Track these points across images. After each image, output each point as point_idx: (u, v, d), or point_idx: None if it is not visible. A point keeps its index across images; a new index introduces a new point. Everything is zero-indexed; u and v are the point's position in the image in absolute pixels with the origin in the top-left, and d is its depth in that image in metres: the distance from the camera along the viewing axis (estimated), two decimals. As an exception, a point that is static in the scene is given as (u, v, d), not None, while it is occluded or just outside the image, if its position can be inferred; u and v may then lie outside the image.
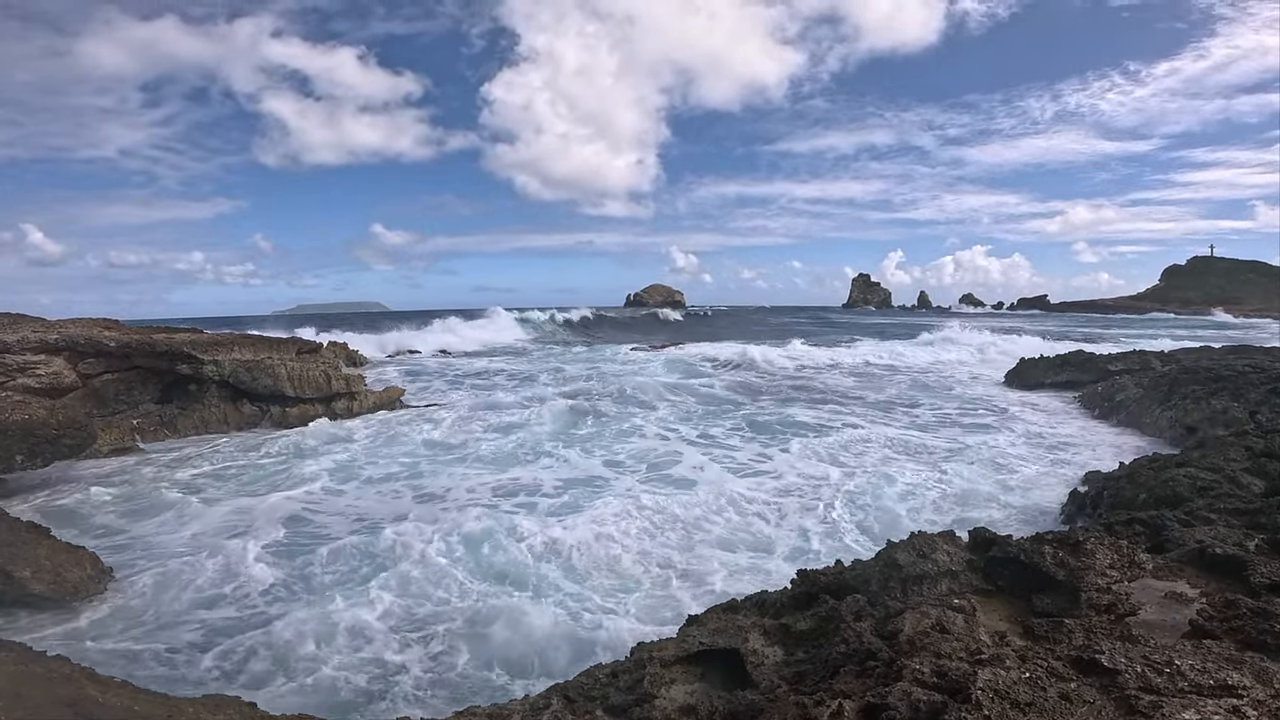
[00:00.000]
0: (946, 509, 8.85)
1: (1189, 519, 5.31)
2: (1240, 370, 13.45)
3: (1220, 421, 11.08)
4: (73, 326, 15.04)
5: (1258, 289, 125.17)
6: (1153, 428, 13.01)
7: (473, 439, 13.40)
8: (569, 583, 6.66)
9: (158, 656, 5.51)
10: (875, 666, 3.13)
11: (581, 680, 3.86)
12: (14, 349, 13.10)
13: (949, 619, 3.48)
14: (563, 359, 30.80)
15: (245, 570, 7.01)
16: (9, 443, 9.43)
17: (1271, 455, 7.42)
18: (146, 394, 15.00)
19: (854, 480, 9.99)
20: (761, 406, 17.11)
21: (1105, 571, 4.00)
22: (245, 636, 5.74)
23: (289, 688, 5.04)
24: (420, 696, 4.97)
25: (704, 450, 12.21)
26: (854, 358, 28.18)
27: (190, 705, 3.60)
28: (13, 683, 3.17)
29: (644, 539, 7.77)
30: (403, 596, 6.34)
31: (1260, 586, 3.66)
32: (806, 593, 4.40)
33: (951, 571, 4.31)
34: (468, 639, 5.60)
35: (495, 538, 7.48)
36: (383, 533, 7.78)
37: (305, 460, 11.77)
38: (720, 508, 8.83)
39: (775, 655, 3.73)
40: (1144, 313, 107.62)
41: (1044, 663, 2.92)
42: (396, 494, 9.93)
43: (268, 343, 18.35)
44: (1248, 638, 3.07)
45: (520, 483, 10.28)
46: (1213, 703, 2.49)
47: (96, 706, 3.12)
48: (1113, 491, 7.60)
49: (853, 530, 8.17)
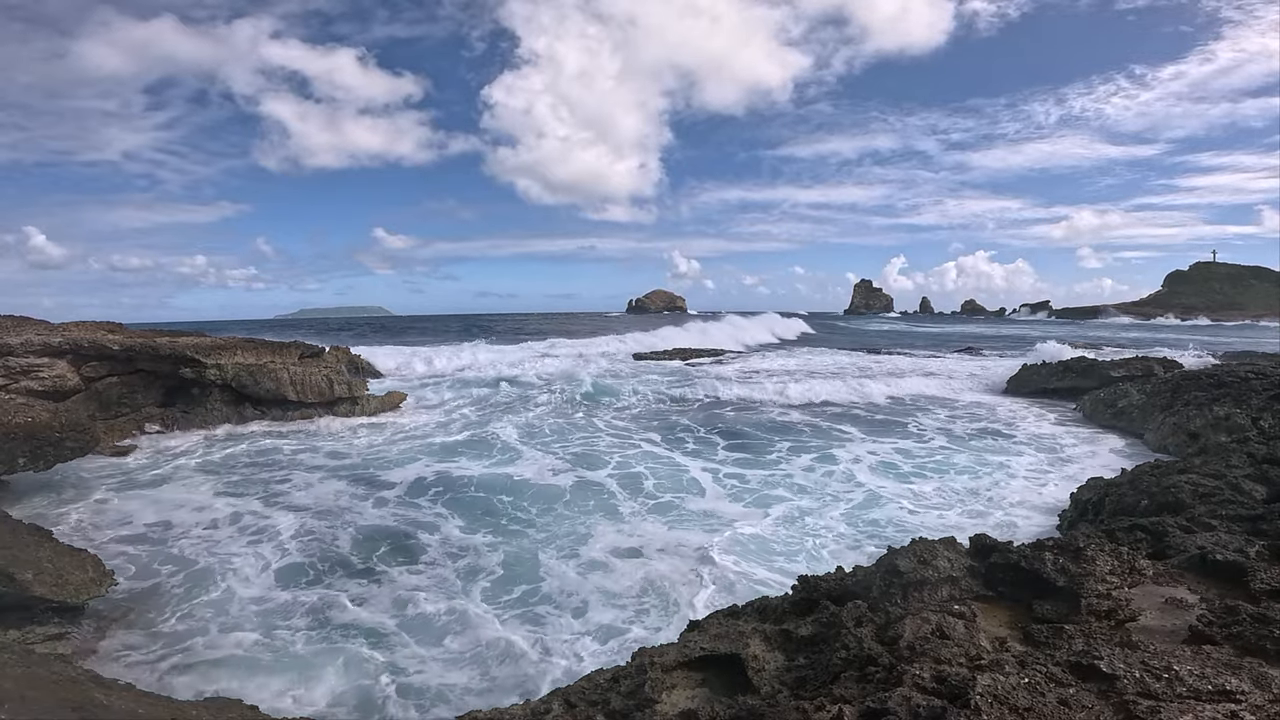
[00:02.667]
0: (948, 514, 8.85)
1: (1190, 525, 5.31)
2: (1243, 376, 13.44)
3: (1222, 428, 11.07)
4: (76, 329, 15.09)
5: (1260, 294, 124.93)
6: (1155, 434, 12.99)
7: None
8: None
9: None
10: (876, 672, 3.14)
11: (582, 685, 3.87)
12: (17, 351, 13.15)
13: (949, 625, 3.48)
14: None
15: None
16: (11, 445, 9.46)
17: (1273, 461, 7.41)
18: (149, 397, 15.04)
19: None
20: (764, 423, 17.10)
21: (1106, 578, 4.00)
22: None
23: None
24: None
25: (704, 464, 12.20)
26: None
27: (193, 708, 3.62)
28: (18, 686, 3.19)
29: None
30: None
31: (1261, 592, 3.66)
32: (807, 599, 4.40)
33: (952, 577, 4.31)
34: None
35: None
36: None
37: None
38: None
39: (776, 661, 3.74)
40: (1149, 318, 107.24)
41: (1043, 668, 2.92)
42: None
43: (270, 347, 18.38)
44: (1247, 643, 3.07)
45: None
46: (1211, 708, 2.49)
47: (101, 709, 3.14)
48: (1114, 498, 7.59)
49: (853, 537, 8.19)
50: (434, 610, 6.32)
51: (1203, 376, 14.37)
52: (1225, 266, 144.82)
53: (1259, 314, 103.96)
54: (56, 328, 14.99)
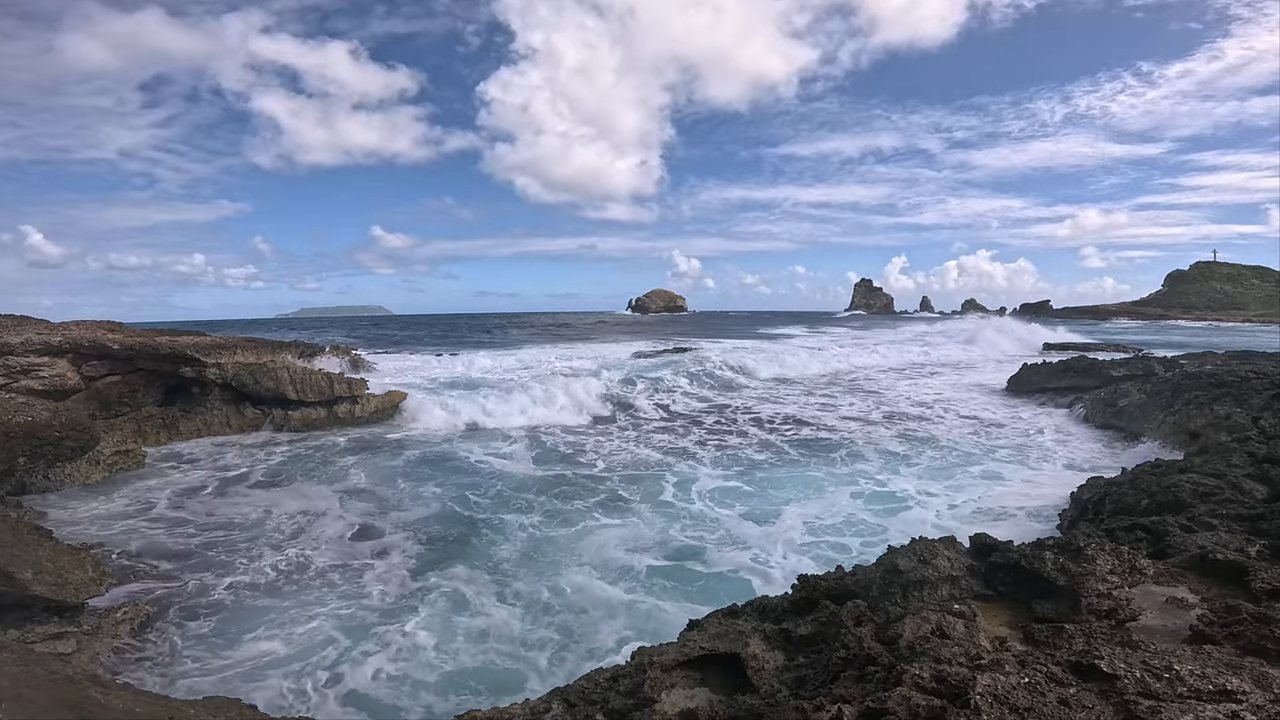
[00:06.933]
0: (949, 514, 8.84)
1: (1191, 524, 5.30)
2: (1243, 376, 13.41)
3: (1223, 427, 11.04)
4: (76, 329, 15.09)
5: (1260, 294, 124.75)
6: (1155, 433, 12.98)
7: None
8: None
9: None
10: (875, 671, 3.13)
11: (582, 684, 3.86)
12: (18, 351, 13.15)
13: (949, 624, 3.47)
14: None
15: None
16: (12, 444, 9.46)
17: (1274, 461, 7.39)
18: (149, 396, 15.04)
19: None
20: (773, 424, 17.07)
21: (1106, 577, 3.98)
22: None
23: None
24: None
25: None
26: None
27: (191, 708, 3.61)
28: (15, 685, 3.18)
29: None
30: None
31: (1261, 592, 3.65)
32: (807, 598, 4.39)
33: (952, 577, 4.30)
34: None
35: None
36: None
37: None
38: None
39: (776, 660, 3.73)
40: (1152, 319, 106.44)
41: (1043, 668, 2.91)
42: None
43: (270, 346, 18.39)
44: (1248, 643, 3.06)
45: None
46: (1211, 708, 2.48)
47: (99, 709, 3.13)
48: (1115, 497, 7.58)
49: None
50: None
51: (1203, 376, 14.34)
52: (1226, 266, 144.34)
53: (1260, 314, 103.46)
54: (57, 327, 14.99)
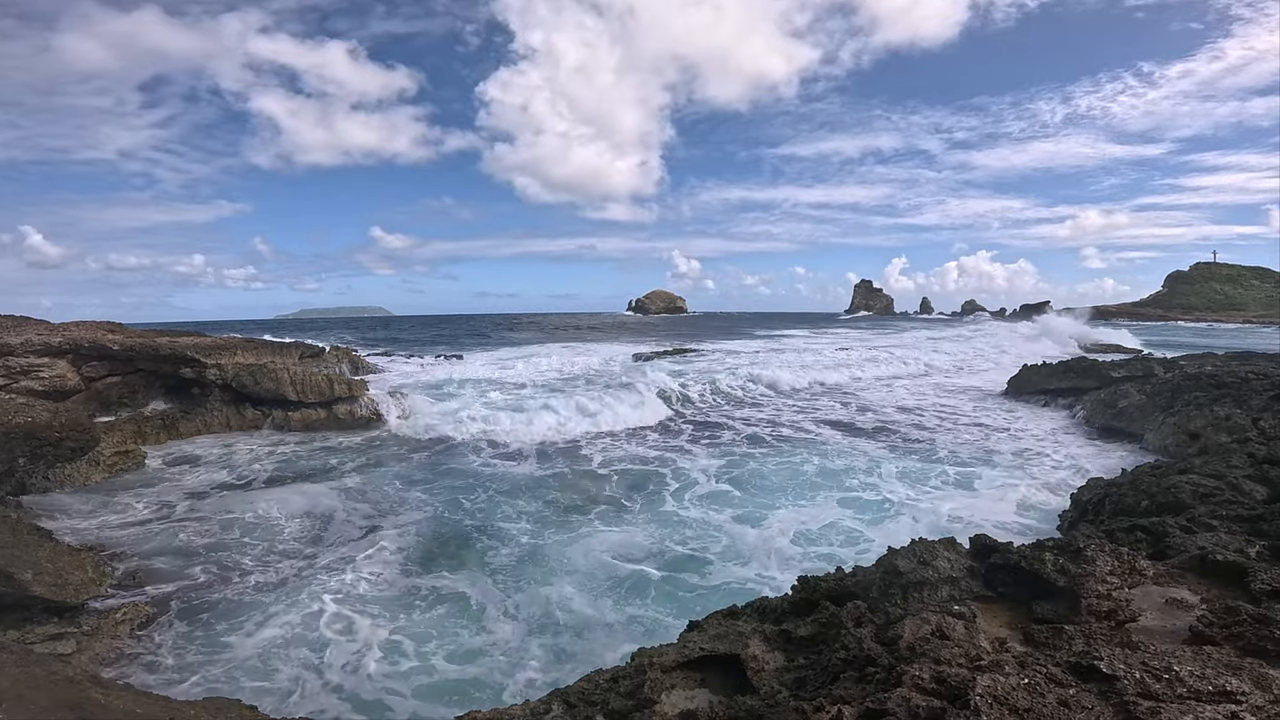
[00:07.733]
0: (948, 514, 8.84)
1: (1191, 526, 5.30)
2: (1243, 377, 13.41)
3: (1223, 428, 11.05)
4: (76, 329, 15.10)
5: (1260, 295, 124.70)
6: (1155, 434, 12.97)
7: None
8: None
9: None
10: (875, 672, 3.13)
11: (582, 685, 3.86)
12: (18, 351, 13.16)
13: (949, 625, 3.47)
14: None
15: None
16: (12, 445, 9.46)
17: (1274, 462, 7.39)
18: (149, 397, 15.05)
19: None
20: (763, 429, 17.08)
21: (1106, 578, 3.99)
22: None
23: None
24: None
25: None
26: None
27: (191, 708, 3.61)
28: (15, 685, 3.18)
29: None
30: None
31: (1261, 593, 3.65)
32: (807, 599, 4.39)
33: (952, 578, 4.31)
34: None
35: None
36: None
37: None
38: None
39: (776, 661, 3.73)
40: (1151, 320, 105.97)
41: (1043, 669, 2.91)
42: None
43: (270, 347, 18.42)
44: (1248, 644, 3.06)
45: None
46: (1211, 708, 2.49)
47: (99, 709, 3.13)
48: (1114, 498, 7.58)
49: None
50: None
51: (1203, 377, 14.34)
52: (1226, 267, 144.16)
53: (1261, 315, 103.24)
54: (57, 328, 15.00)
